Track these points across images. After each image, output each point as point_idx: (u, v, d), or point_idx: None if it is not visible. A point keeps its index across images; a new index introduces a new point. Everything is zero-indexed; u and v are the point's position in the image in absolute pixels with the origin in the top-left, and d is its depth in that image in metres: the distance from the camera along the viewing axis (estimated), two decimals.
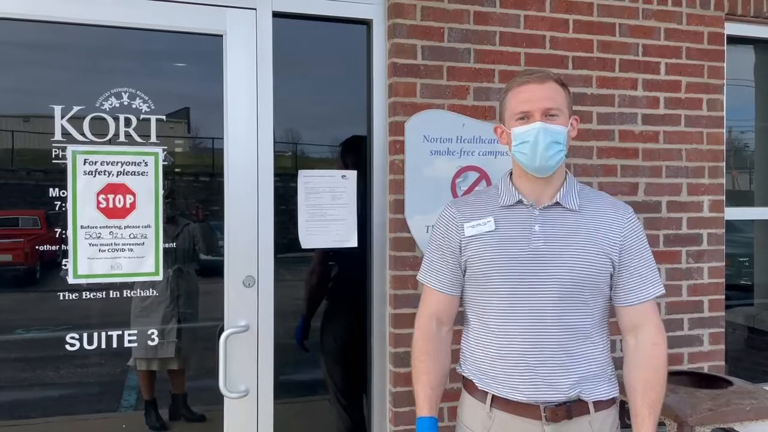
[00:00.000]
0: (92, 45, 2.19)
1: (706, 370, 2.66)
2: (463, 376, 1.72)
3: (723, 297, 2.75)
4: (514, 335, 1.59)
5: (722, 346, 2.75)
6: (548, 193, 1.64)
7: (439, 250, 1.71)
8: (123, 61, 2.22)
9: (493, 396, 1.61)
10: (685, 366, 2.67)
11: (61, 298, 2.13)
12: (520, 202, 1.64)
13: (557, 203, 1.63)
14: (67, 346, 2.15)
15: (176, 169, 2.28)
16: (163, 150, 2.21)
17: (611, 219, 1.64)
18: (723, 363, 2.75)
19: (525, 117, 1.59)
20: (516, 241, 1.60)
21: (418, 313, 1.76)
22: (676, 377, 2.44)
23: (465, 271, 1.68)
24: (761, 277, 3.30)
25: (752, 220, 3.24)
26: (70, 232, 2.12)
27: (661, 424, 2.30)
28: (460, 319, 1.76)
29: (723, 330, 2.75)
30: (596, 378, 1.61)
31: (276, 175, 2.32)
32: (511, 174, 1.71)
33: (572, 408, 1.58)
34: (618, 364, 1.71)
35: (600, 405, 1.61)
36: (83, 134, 2.15)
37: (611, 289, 1.65)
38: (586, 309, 1.59)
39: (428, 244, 1.78)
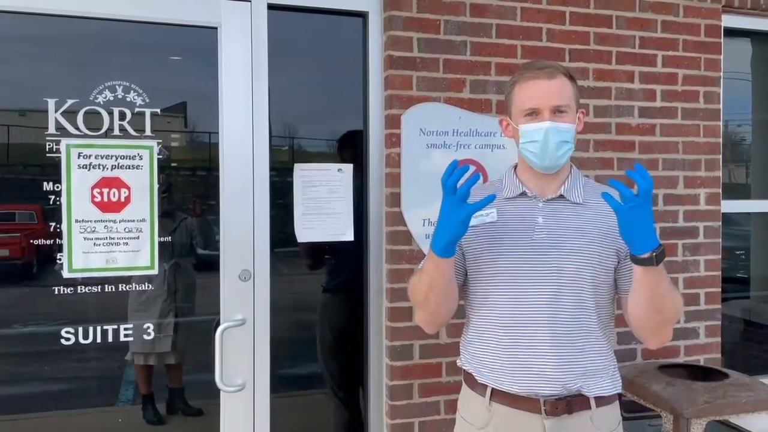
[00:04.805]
0: (86, 38, 2.18)
1: (702, 363, 2.67)
2: (464, 370, 1.70)
3: (719, 290, 2.75)
4: (515, 328, 1.57)
5: (718, 339, 2.75)
6: (553, 186, 1.62)
7: None
8: (117, 54, 2.21)
9: (493, 389, 1.60)
10: (682, 359, 2.67)
11: (57, 292, 2.12)
12: (523, 194, 1.63)
13: (561, 196, 1.61)
14: (63, 341, 2.15)
15: (172, 163, 2.27)
16: (158, 144, 2.20)
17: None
18: (719, 356, 2.75)
19: (533, 113, 1.56)
20: (519, 232, 1.59)
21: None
22: (671, 370, 2.44)
23: (466, 262, 1.66)
24: (757, 269, 3.31)
25: (749, 213, 3.24)
26: (64, 227, 2.11)
27: (656, 416, 2.32)
28: (461, 313, 1.75)
29: (719, 323, 2.75)
30: (598, 373, 1.59)
31: (272, 168, 2.31)
32: (515, 166, 1.70)
33: (573, 402, 1.56)
34: (621, 357, 1.69)
35: (601, 400, 1.59)
36: (77, 128, 2.13)
37: (617, 282, 1.62)
38: (589, 302, 1.57)
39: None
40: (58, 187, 2.11)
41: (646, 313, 1.52)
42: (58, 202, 2.11)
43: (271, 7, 2.29)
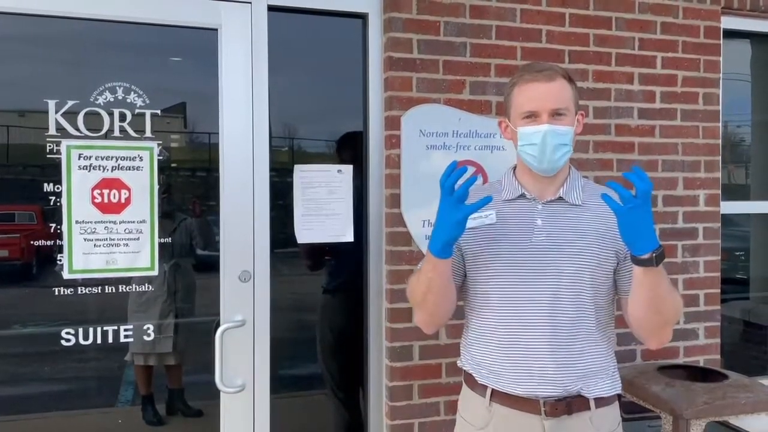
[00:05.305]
0: (86, 39, 2.18)
1: (701, 364, 2.67)
2: (464, 371, 1.71)
3: (719, 291, 2.76)
4: (514, 329, 1.58)
5: (718, 340, 2.75)
6: (552, 188, 1.63)
7: None
8: (117, 55, 2.21)
9: (493, 390, 1.60)
10: (681, 360, 2.68)
11: (57, 293, 2.13)
12: (522, 195, 1.64)
13: (560, 198, 1.62)
14: (63, 342, 2.15)
15: (172, 164, 2.27)
16: (158, 145, 2.20)
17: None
18: (719, 356, 2.76)
19: (532, 116, 1.57)
20: (517, 234, 1.60)
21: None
22: (671, 371, 2.44)
23: (465, 264, 1.66)
24: (757, 270, 3.31)
25: (748, 214, 3.24)
26: (65, 227, 2.11)
27: (656, 417, 2.32)
28: (460, 313, 1.75)
29: (719, 324, 2.76)
30: (598, 374, 1.59)
31: (272, 169, 2.31)
32: (514, 168, 1.70)
33: (572, 403, 1.56)
34: (620, 358, 1.70)
35: (601, 402, 1.59)
36: (78, 129, 2.14)
37: (617, 283, 1.63)
38: (588, 304, 1.58)
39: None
40: (58, 188, 2.11)
41: (646, 314, 1.52)
42: (58, 203, 2.11)
43: (271, 8, 2.29)
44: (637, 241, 1.39)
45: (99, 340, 2.18)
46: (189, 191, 2.38)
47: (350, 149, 2.45)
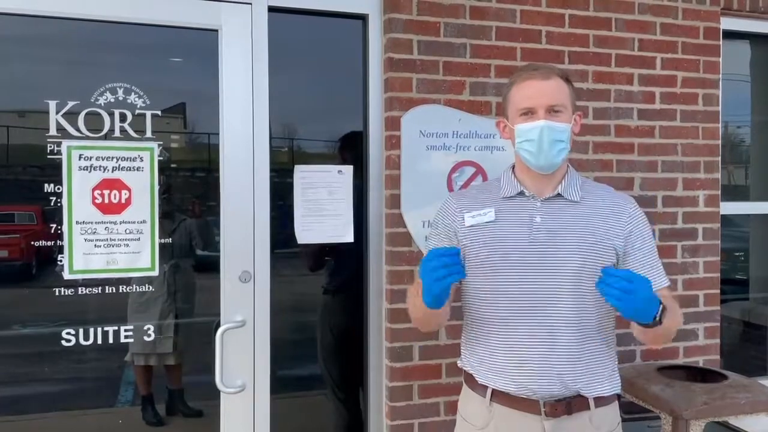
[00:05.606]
0: (86, 40, 2.19)
1: (701, 364, 2.67)
2: (464, 371, 1.72)
3: (718, 291, 2.76)
4: (513, 328, 1.58)
5: (717, 340, 2.76)
6: (550, 185, 1.64)
7: (437, 240, 1.71)
8: (118, 56, 2.21)
9: (493, 390, 1.61)
10: (681, 360, 2.68)
11: (57, 293, 2.13)
12: (521, 193, 1.64)
13: (559, 195, 1.63)
14: (64, 342, 2.15)
15: (172, 165, 2.28)
16: (159, 145, 2.21)
17: (614, 210, 1.63)
18: (718, 357, 2.76)
19: (528, 113, 1.58)
20: (516, 231, 1.60)
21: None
22: (671, 371, 2.45)
23: (464, 263, 1.67)
24: (756, 271, 3.31)
25: (748, 215, 3.25)
26: (65, 228, 2.11)
27: (655, 418, 2.33)
28: (460, 314, 1.76)
29: (718, 324, 2.76)
30: (598, 374, 1.60)
31: (272, 170, 2.31)
32: (513, 167, 1.71)
33: (572, 403, 1.57)
34: (620, 359, 1.70)
35: (601, 401, 1.60)
36: (78, 129, 2.14)
37: None
38: (588, 302, 1.58)
39: (428, 238, 1.78)
40: (58, 188, 2.11)
41: (651, 342, 1.62)
42: (58, 204, 2.11)
43: (271, 9, 2.29)
44: (639, 318, 1.46)
45: (99, 341, 2.18)
46: (189, 191, 2.39)
47: (351, 150, 2.45)
